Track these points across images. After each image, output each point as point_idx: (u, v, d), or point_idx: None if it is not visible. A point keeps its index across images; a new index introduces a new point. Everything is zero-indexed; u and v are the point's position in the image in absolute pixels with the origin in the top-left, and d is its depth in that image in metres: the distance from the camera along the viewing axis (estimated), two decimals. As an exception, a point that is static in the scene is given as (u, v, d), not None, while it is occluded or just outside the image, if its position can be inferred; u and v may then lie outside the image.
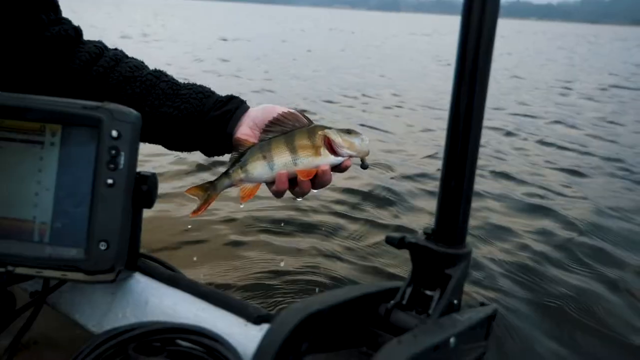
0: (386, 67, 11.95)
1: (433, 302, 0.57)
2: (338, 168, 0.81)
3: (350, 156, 0.80)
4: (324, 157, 0.78)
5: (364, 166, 0.82)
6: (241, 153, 0.82)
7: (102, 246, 0.65)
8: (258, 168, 0.80)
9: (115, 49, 0.91)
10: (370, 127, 5.67)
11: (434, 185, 3.72)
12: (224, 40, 16.20)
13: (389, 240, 0.64)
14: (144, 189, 0.69)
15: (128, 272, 0.72)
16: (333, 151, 0.80)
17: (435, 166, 4.25)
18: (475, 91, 0.53)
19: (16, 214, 0.67)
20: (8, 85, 0.84)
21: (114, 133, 0.65)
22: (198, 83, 0.91)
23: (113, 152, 0.65)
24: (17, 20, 0.79)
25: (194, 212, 0.85)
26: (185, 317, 0.65)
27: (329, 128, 0.81)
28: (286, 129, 0.80)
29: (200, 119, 0.85)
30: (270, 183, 0.83)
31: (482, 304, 0.64)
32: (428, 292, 0.58)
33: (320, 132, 0.79)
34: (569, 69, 13.97)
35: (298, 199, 0.87)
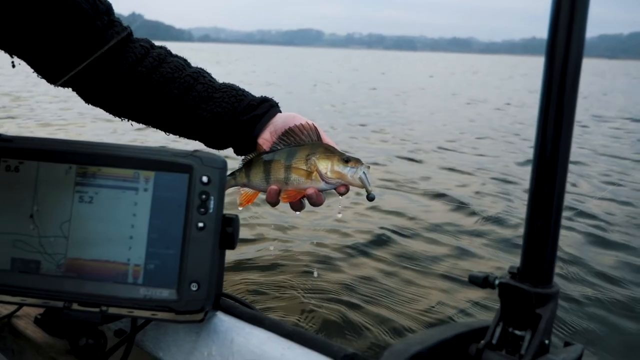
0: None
1: (524, 342, 0.57)
2: (337, 190, 0.84)
3: (342, 185, 0.82)
4: (314, 182, 0.82)
5: (368, 198, 0.82)
6: (251, 159, 0.87)
7: (193, 287, 0.68)
8: (257, 178, 0.86)
9: (161, 47, 0.93)
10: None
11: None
12: (270, 84, 15.42)
13: (473, 279, 0.65)
14: (229, 231, 0.72)
15: (212, 311, 0.75)
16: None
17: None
18: (561, 131, 0.54)
19: (111, 256, 0.71)
20: (60, 80, 0.88)
21: (204, 179, 0.69)
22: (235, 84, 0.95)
23: (203, 196, 0.69)
24: (76, 32, 0.82)
25: None
26: (272, 356, 0.66)
27: (332, 153, 0.83)
28: (299, 140, 0.84)
29: (231, 122, 0.89)
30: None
31: (567, 344, 0.63)
32: (517, 332, 0.58)
33: (313, 158, 0.82)
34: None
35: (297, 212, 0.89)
